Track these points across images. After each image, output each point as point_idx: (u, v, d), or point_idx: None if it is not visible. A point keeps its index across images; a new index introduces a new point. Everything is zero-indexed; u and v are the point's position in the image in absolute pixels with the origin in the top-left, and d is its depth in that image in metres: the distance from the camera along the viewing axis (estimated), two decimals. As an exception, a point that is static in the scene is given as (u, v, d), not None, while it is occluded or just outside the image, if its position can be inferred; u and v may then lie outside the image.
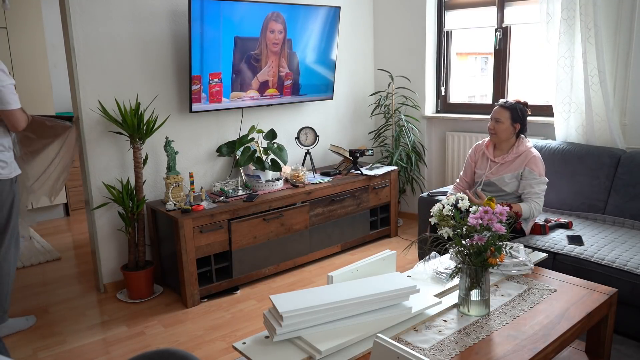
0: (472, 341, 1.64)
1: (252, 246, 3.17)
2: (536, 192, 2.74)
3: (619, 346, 2.35)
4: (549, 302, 1.88)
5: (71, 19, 2.86)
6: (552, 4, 3.15)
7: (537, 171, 2.74)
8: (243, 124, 3.65)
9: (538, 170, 2.75)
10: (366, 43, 4.43)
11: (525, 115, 2.84)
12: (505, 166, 2.83)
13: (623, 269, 2.35)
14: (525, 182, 2.76)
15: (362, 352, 1.59)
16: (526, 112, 2.85)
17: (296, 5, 3.54)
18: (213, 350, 2.50)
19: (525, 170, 2.76)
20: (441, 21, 4.09)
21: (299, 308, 1.60)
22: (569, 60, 3.14)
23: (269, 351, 1.59)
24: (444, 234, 1.83)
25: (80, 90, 2.95)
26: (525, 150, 2.80)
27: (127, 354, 2.47)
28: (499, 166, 2.85)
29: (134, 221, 3.02)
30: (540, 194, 2.74)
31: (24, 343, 2.62)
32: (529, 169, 2.75)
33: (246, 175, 3.47)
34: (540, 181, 2.75)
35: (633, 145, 3.09)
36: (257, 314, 2.86)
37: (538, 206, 2.74)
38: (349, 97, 4.35)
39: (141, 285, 3.03)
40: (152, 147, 3.24)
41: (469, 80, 4.42)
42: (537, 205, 2.73)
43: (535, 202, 2.73)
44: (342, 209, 3.64)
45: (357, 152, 3.85)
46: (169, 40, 3.23)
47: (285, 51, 3.58)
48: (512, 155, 2.81)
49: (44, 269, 3.62)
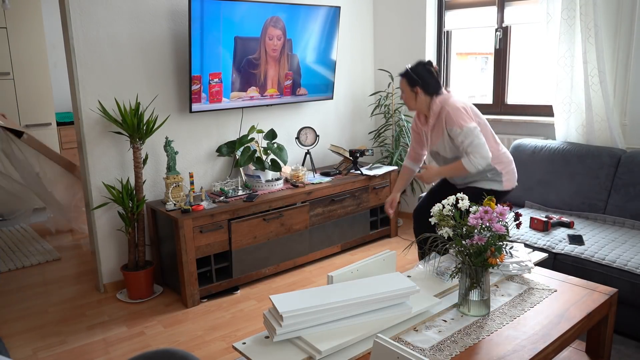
0: (472, 341, 1.64)
1: (252, 246, 3.17)
2: (467, 144, 2.53)
3: (619, 346, 2.35)
4: (549, 302, 1.88)
5: (71, 19, 2.86)
6: (552, 4, 3.15)
7: (456, 125, 2.54)
8: (243, 124, 3.65)
9: (456, 124, 2.54)
10: (366, 43, 4.43)
11: (424, 73, 2.65)
12: (435, 133, 2.70)
13: (623, 269, 2.35)
14: (456, 140, 2.58)
15: (362, 352, 1.59)
16: (427, 69, 2.66)
17: (296, 5, 3.54)
18: (213, 350, 2.50)
19: (447, 129, 2.60)
20: (441, 21, 4.09)
21: (299, 308, 1.60)
22: (569, 60, 3.14)
23: (269, 351, 1.59)
24: (444, 234, 1.83)
25: (80, 90, 2.95)
26: (439, 110, 2.62)
27: (127, 354, 2.47)
28: (431, 135, 2.74)
29: (134, 221, 3.02)
30: (472, 143, 2.52)
31: (24, 343, 2.62)
32: (449, 127, 2.58)
33: (246, 175, 3.47)
34: (464, 133, 2.53)
35: (633, 145, 3.09)
36: (257, 314, 2.86)
37: (477, 155, 2.52)
38: (349, 97, 4.35)
39: (141, 285, 3.03)
40: (152, 147, 3.24)
41: (469, 80, 4.42)
42: (474, 155, 2.52)
43: (472, 154, 2.52)
44: (342, 209, 3.64)
45: (357, 152, 3.85)
46: (169, 40, 3.23)
47: (285, 51, 3.58)
48: (432, 120, 2.67)
49: (44, 269, 3.62)
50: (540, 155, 3.24)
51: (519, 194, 3.30)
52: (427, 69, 2.68)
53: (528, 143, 3.35)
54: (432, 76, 2.68)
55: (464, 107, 2.60)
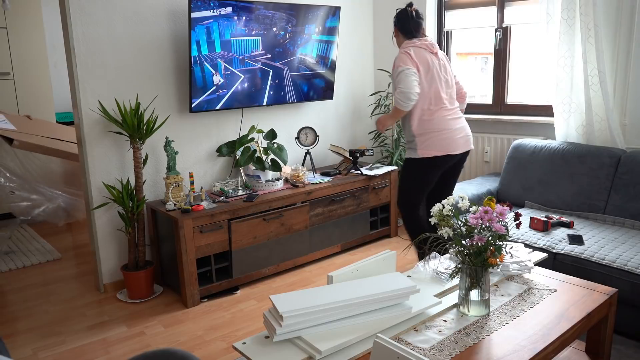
0: (472, 341, 1.64)
1: (252, 246, 3.17)
2: (397, 81, 2.76)
3: (619, 346, 2.35)
4: (549, 302, 1.88)
5: (71, 19, 2.86)
6: (552, 4, 3.15)
7: (395, 65, 2.78)
8: (243, 124, 3.65)
9: (395, 64, 2.78)
10: (366, 43, 4.43)
11: (403, 15, 2.87)
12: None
13: (623, 269, 2.35)
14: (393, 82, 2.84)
15: (362, 352, 1.59)
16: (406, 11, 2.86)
17: (296, 4, 3.54)
18: (213, 350, 2.50)
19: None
20: (441, 21, 4.09)
21: (299, 308, 1.60)
22: (569, 60, 3.15)
23: (269, 351, 1.59)
24: (444, 234, 1.83)
25: (80, 90, 2.95)
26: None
27: (127, 354, 2.47)
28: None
29: (134, 221, 3.02)
30: (401, 81, 2.72)
31: (24, 343, 2.62)
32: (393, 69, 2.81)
33: (246, 175, 3.47)
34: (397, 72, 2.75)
35: (633, 145, 3.09)
36: (257, 314, 2.86)
37: (398, 94, 2.72)
38: (349, 97, 4.35)
39: (141, 285, 3.03)
40: (152, 147, 3.24)
41: (469, 80, 4.42)
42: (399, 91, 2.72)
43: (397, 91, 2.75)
44: (342, 209, 3.64)
45: (357, 152, 3.85)
46: (169, 40, 3.23)
47: (285, 51, 3.58)
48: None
49: (44, 269, 3.62)
50: (540, 155, 3.24)
51: (519, 194, 3.31)
52: (407, 12, 2.87)
53: (528, 143, 3.35)
54: (408, 19, 2.86)
55: (410, 52, 2.77)
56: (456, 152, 2.84)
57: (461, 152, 2.87)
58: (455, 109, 2.89)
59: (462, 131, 2.87)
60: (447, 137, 2.81)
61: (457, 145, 2.84)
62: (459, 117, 2.90)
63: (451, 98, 2.88)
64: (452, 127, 2.82)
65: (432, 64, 2.80)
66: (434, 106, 2.81)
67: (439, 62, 2.85)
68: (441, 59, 2.88)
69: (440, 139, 2.80)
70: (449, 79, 2.88)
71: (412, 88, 2.69)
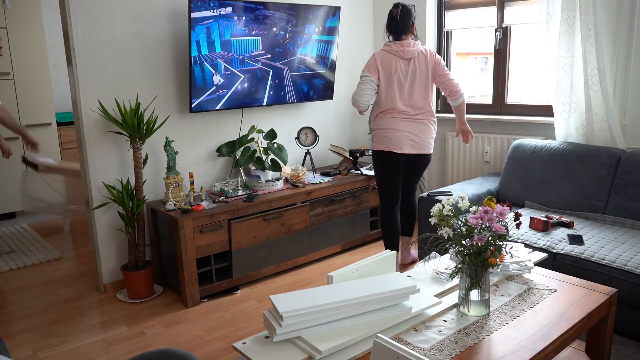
0: (472, 341, 1.64)
1: (252, 246, 3.17)
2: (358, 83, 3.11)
3: (619, 346, 2.35)
4: (549, 302, 1.88)
5: (71, 19, 2.86)
6: (552, 4, 3.15)
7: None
8: (243, 124, 3.65)
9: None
10: (366, 43, 4.43)
11: (389, 16, 3.07)
12: None
13: (623, 269, 2.35)
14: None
15: (362, 352, 1.59)
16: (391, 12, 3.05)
17: (296, 4, 3.54)
18: (213, 350, 2.50)
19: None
20: (441, 21, 4.09)
21: (299, 308, 1.60)
22: (569, 60, 3.14)
23: (269, 351, 1.59)
24: (444, 234, 1.83)
25: (80, 90, 2.95)
26: None
27: (127, 354, 2.47)
28: None
29: (134, 221, 3.02)
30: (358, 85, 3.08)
31: (24, 343, 2.62)
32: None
33: (246, 175, 3.47)
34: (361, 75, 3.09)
35: (633, 145, 3.09)
36: (257, 314, 2.86)
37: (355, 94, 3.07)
38: (349, 97, 4.35)
39: (141, 285, 3.03)
40: (152, 147, 3.24)
41: (469, 80, 4.42)
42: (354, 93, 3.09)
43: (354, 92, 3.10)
44: (342, 209, 3.64)
45: (357, 152, 3.85)
46: (169, 40, 3.23)
47: (285, 51, 3.58)
48: None
49: (44, 269, 3.62)
50: (540, 155, 3.24)
51: (518, 194, 3.31)
52: (391, 13, 3.06)
53: (528, 143, 3.35)
54: (391, 19, 3.06)
55: (377, 57, 3.05)
56: (400, 151, 3.08)
57: (407, 152, 3.09)
58: (412, 113, 3.07)
59: (411, 135, 3.08)
60: (392, 136, 3.08)
61: (401, 144, 3.08)
62: (413, 121, 3.08)
63: (411, 103, 3.07)
64: (400, 128, 3.07)
65: (395, 71, 3.03)
66: (387, 108, 3.08)
67: (408, 68, 3.03)
68: (416, 65, 3.04)
69: (385, 136, 3.10)
70: (417, 85, 3.05)
71: (361, 97, 3.05)
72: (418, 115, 3.08)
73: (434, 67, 3.05)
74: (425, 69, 3.04)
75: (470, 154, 3.87)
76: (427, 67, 3.04)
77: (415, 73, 3.03)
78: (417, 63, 3.03)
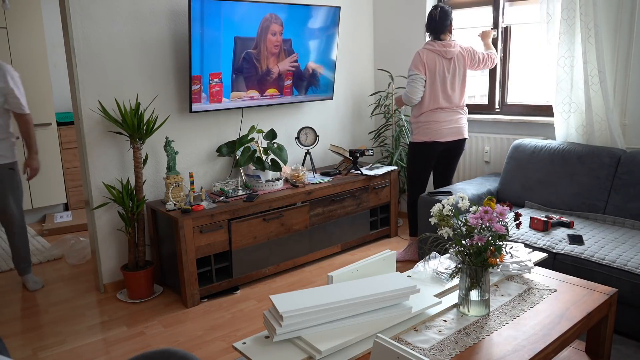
0: (472, 341, 1.64)
1: (252, 246, 3.17)
2: (407, 82, 3.29)
3: (619, 346, 2.35)
4: (549, 302, 1.88)
5: (71, 19, 2.86)
6: (552, 4, 3.15)
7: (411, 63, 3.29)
8: (243, 124, 3.65)
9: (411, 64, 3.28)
10: (366, 43, 4.43)
11: (429, 16, 3.28)
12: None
13: (623, 269, 2.35)
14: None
15: (362, 352, 1.59)
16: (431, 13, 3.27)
17: (296, 5, 3.54)
18: (213, 350, 2.50)
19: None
20: (441, 21, 4.08)
21: (299, 308, 1.60)
22: (569, 60, 3.14)
23: (269, 351, 1.59)
24: (444, 234, 1.83)
25: (80, 90, 2.95)
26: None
27: (127, 354, 2.47)
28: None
29: (134, 221, 3.02)
30: (408, 83, 3.28)
31: (24, 343, 2.62)
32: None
33: (246, 175, 3.47)
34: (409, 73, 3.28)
35: (633, 145, 3.09)
36: (257, 314, 2.86)
37: (406, 91, 3.28)
38: (349, 97, 4.35)
39: (141, 285, 3.03)
40: (152, 147, 3.24)
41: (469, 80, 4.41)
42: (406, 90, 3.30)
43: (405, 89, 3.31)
44: (342, 209, 3.64)
45: (357, 152, 3.85)
46: (169, 40, 3.23)
47: (285, 51, 3.58)
48: None
49: (44, 269, 3.62)
50: (540, 156, 3.24)
51: (518, 194, 3.30)
52: (431, 14, 3.27)
53: (528, 143, 3.35)
54: (431, 20, 3.26)
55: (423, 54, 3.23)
56: (442, 140, 3.33)
57: (449, 140, 3.34)
58: (451, 107, 3.34)
59: (450, 123, 3.33)
60: (434, 127, 3.30)
61: (443, 134, 3.32)
62: (452, 112, 3.34)
63: (449, 98, 3.32)
64: (439, 119, 3.30)
65: (438, 70, 3.25)
66: (430, 104, 3.29)
67: (449, 67, 3.28)
68: (456, 64, 3.30)
69: (427, 128, 3.32)
70: (456, 83, 3.32)
71: (414, 94, 3.26)
72: (454, 107, 3.35)
73: (470, 62, 3.37)
74: (463, 68, 3.33)
75: (470, 154, 3.87)
76: (465, 67, 3.34)
77: (456, 72, 3.30)
78: (457, 63, 3.30)
